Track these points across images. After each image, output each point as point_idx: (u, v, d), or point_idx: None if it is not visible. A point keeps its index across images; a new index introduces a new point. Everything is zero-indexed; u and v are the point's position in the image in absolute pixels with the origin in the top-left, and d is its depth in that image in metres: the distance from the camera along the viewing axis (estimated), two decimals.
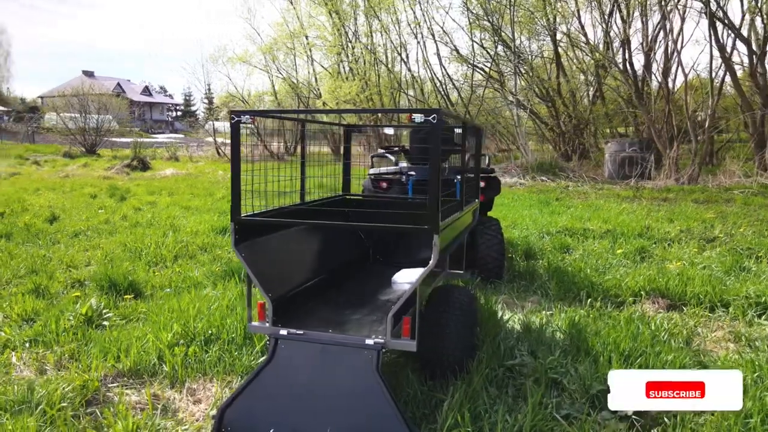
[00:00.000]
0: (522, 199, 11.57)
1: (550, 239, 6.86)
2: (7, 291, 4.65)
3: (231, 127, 2.71)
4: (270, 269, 2.89)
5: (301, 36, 24.53)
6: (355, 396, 2.52)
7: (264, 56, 25.75)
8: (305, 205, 3.49)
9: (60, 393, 2.76)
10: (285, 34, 24.67)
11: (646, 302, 4.52)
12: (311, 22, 24.25)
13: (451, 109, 21.98)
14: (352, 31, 23.44)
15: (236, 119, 2.70)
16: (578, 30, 19.61)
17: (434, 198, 2.50)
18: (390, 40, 22.54)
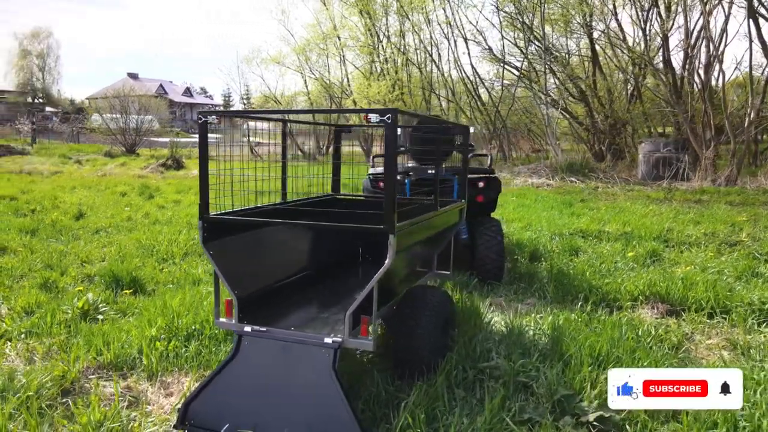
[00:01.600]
0: (545, 201, 11.37)
1: (560, 241, 6.73)
2: (18, 284, 4.87)
3: (199, 127, 2.78)
4: (240, 267, 2.95)
5: (334, 37, 24.76)
6: (311, 393, 2.55)
7: (297, 57, 26.11)
8: (284, 205, 3.53)
9: (38, 382, 2.87)
10: (318, 35, 24.94)
11: (644, 307, 4.39)
12: (343, 22, 24.45)
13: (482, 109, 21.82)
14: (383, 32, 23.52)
15: (203, 119, 2.76)
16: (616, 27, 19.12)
17: (389, 198, 2.50)
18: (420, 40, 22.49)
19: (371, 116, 2.47)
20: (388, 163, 2.49)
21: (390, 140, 2.47)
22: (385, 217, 2.50)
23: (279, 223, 2.98)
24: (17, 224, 7.67)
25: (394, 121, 2.45)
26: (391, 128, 2.45)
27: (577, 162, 17.07)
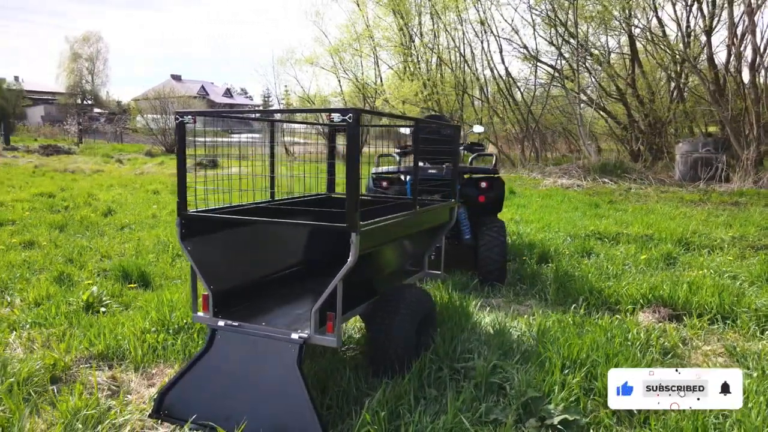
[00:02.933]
0: (571, 202, 11.16)
1: (573, 243, 6.60)
2: (36, 277, 5.11)
3: (176, 127, 2.87)
4: (218, 264, 3.02)
5: (367, 37, 24.88)
6: (276, 386, 2.61)
7: (332, 57, 26.36)
8: (268, 203, 3.60)
9: (29, 370, 3.02)
10: (351, 36, 25.12)
11: (645, 311, 4.28)
12: (377, 22, 24.55)
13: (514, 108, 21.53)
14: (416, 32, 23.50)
15: (180, 119, 2.85)
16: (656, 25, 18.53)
17: (352, 196, 2.52)
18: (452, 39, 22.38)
19: (334, 116, 2.51)
20: (350, 162, 2.51)
21: (353, 139, 2.49)
22: (348, 216, 2.52)
23: (246, 220, 3.04)
24: (49, 220, 8.04)
25: (355, 121, 2.47)
26: (353, 127, 2.48)
27: (610, 162, 16.66)
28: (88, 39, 47.15)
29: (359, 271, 2.99)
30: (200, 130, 3.07)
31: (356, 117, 2.47)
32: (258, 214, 3.30)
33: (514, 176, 17.06)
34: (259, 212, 3.33)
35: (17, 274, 5.20)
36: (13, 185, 13.39)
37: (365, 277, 3.22)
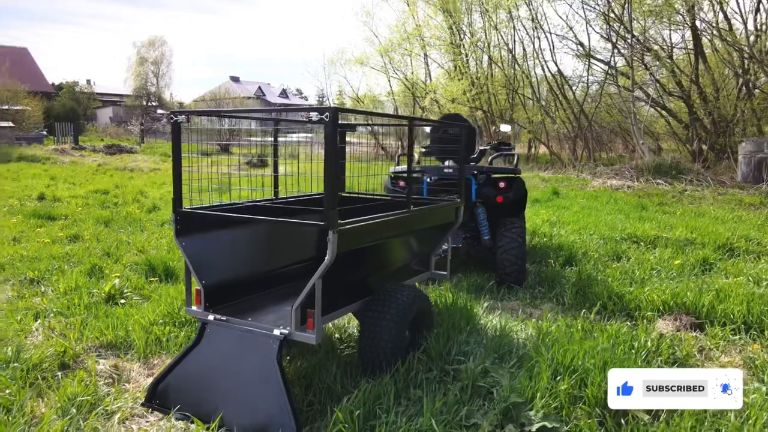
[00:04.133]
0: (616, 203, 10.77)
1: (605, 246, 6.37)
2: (70, 269, 5.40)
3: (172, 126, 2.97)
4: (212, 259, 3.10)
5: (417, 36, 24.83)
6: (256, 381, 2.66)
7: (381, 57, 26.46)
8: (269, 201, 3.66)
9: (40, 356, 3.20)
10: (401, 36, 25.13)
11: (666, 318, 4.08)
12: (426, 21, 24.47)
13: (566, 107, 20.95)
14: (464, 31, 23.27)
15: (174, 119, 2.95)
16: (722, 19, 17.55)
17: (330, 194, 2.53)
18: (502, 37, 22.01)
19: (311, 114, 2.53)
20: (328, 160, 2.52)
21: (330, 138, 2.50)
22: (326, 214, 2.54)
23: (233, 218, 3.10)
24: (97, 215, 8.47)
25: (332, 120, 2.48)
26: (331, 127, 2.49)
27: (666, 163, 15.93)
28: (153, 43, 49.34)
29: (348, 270, 3.01)
30: (255, 130, 3.18)
31: (333, 116, 2.48)
32: (256, 212, 3.36)
33: (561, 176, 16.61)
34: (256, 210, 3.40)
35: (56, 265, 5.51)
36: (75, 182, 14.18)
37: (358, 276, 3.22)
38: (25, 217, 8.43)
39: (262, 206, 3.52)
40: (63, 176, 15.62)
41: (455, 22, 22.88)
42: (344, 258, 2.86)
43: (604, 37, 19.62)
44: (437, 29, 24.08)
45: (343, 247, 2.60)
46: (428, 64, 25.87)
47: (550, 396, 2.68)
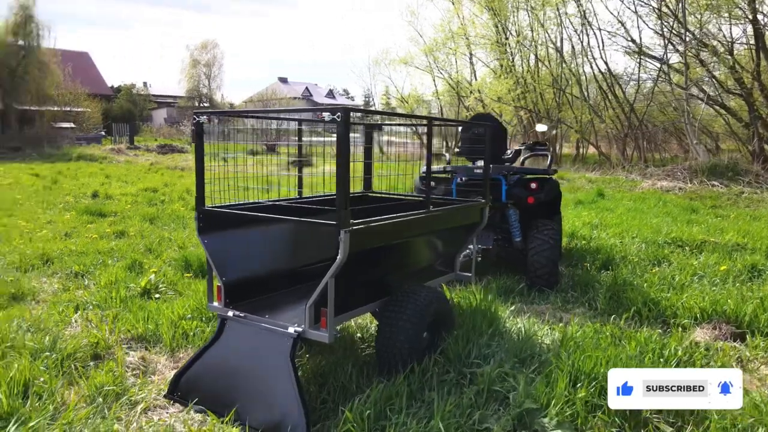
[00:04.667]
0: (665, 206, 10.37)
1: (647, 250, 6.14)
2: (113, 264, 5.62)
3: (194, 126, 3.05)
4: (234, 257, 3.17)
5: (462, 35, 24.62)
6: (270, 377, 2.70)
7: (426, 57, 26.37)
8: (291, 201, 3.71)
9: (73, 347, 3.35)
10: (446, 35, 24.98)
11: (705, 326, 3.89)
12: (471, 20, 24.22)
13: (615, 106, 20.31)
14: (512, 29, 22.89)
15: (196, 120, 3.03)
16: None
17: (343, 194, 2.54)
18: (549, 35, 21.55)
19: (324, 114, 2.54)
20: (340, 160, 2.53)
21: (342, 138, 2.51)
22: (338, 214, 2.55)
23: (251, 216, 3.14)
24: (143, 212, 8.80)
25: (344, 120, 2.49)
26: (342, 126, 2.50)
27: (722, 163, 15.21)
28: (205, 46, 50.81)
29: (365, 269, 3.01)
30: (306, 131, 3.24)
31: (345, 116, 2.49)
32: (277, 211, 3.40)
33: (609, 178, 16.12)
34: (278, 210, 3.44)
35: (100, 260, 5.75)
36: (127, 181, 14.77)
37: (375, 276, 3.22)
38: (78, 214, 8.84)
39: (283, 206, 3.57)
40: (117, 175, 16.29)
41: (501, 20, 22.54)
42: (360, 258, 2.87)
43: (658, 33, 18.93)
44: (482, 27, 23.81)
45: (355, 246, 2.60)
46: (473, 63, 25.64)
47: (566, 403, 2.61)
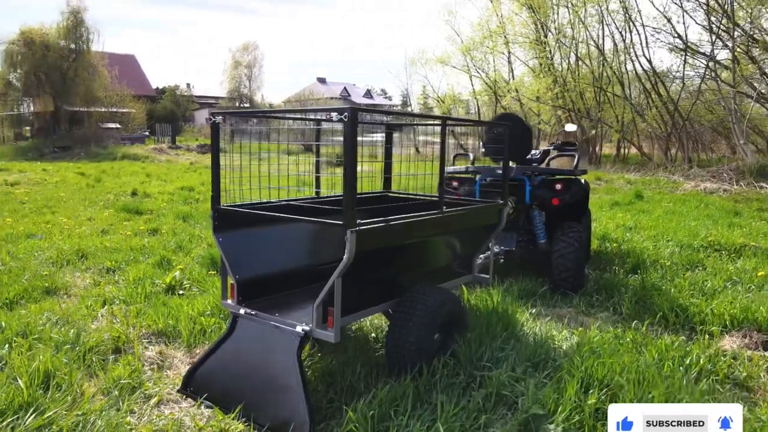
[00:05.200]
0: (706, 208, 10.00)
1: (680, 254, 5.93)
2: (144, 260, 5.78)
3: (211, 127, 3.11)
4: (248, 255, 3.21)
5: (500, 34, 24.33)
6: (277, 374, 2.73)
7: (463, 56, 26.19)
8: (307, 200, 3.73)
9: (95, 340, 3.46)
10: (484, 34, 24.74)
11: (734, 334, 3.73)
12: (510, 18, 23.91)
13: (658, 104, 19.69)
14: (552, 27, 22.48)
15: (212, 120, 3.08)
16: None
17: (350, 194, 2.54)
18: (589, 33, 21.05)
19: (332, 114, 2.55)
20: (347, 160, 2.53)
21: (349, 138, 2.51)
22: (344, 214, 2.55)
23: (271, 216, 3.17)
24: (178, 210, 9.02)
25: (351, 119, 2.49)
26: (350, 126, 2.50)
27: None
28: (247, 48, 51.73)
29: (375, 269, 3.01)
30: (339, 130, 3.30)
31: (352, 116, 2.49)
32: (293, 211, 3.43)
33: (649, 179, 15.65)
34: (293, 209, 3.47)
35: (132, 256, 5.93)
36: (166, 179, 15.19)
37: (387, 277, 3.20)
38: (116, 211, 9.14)
39: (296, 205, 3.59)
40: (157, 173, 16.77)
41: (540, 17, 22.17)
42: (369, 258, 2.87)
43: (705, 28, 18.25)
44: (521, 26, 23.48)
45: (362, 247, 2.60)
46: (511, 62, 25.31)
47: (575, 410, 2.54)
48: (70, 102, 29.19)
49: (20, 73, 28.89)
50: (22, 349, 3.33)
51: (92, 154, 24.69)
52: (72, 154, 24.96)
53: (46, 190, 12.49)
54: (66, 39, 29.17)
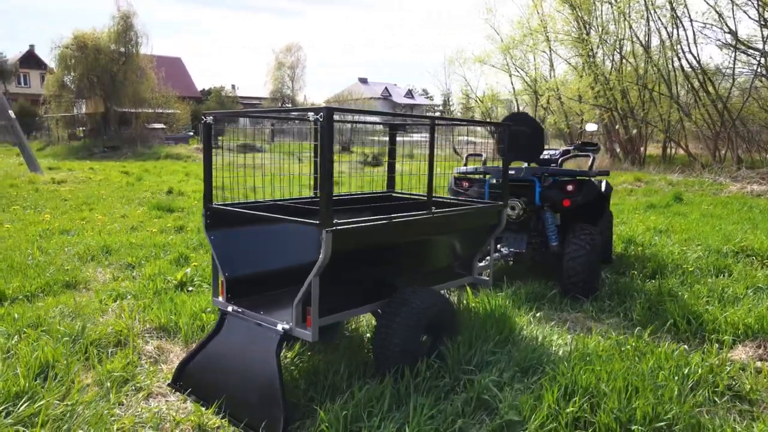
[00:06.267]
0: (749, 211, 9.56)
1: (707, 259, 5.67)
2: (163, 258, 5.95)
3: (203, 127, 3.17)
4: (238, 254, 3.25)
5: (541, 31, 23.87)
6: (257, 372, 2.75)
7: (503, 55, 25.82)
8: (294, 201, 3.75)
9: (98, 333, 3.58)
10: (524, 32, 24.31)
11: (748, 344, 3.55)
12: (551, 15, 23.43)
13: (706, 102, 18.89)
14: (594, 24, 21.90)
15: (204, 121, 3.14)
16: None
17: (326, 194, 2.54)
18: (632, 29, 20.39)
19: (309, 114, 2.56)
20: (322, 160, 2.53)
21: (325, 138, 2.51)
22: (320, 214, 2.55)
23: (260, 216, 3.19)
24: None
25: (327, 119, 2.49)
26: (325, 126, 2.50)
27: None
28: (290, 49, 52.53)
29: (359, 270, 3.00)
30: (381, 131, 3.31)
31: (327, 115, 2.49)
32: (283, 210, 3.45)
33: (693, 180, 15.05)
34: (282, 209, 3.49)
35: (153, 253, 6.11)
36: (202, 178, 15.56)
37: (375, 277, 3.18)
38: (149, 209, 9.44)
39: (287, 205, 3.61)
40: (196, 172, 17.23)
41: (582, 14, 21.63)
42: (351, 258, 2.87)
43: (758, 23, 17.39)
44: (563, 23, 22.95)
45: (339, 247, 2.59)
46: (552, 61, 24.78)
47: (553, 418, 2.47)
48: (120, 103, 30.35)
49: (74, 75, 30.23)
50: (30, 339, 3.48)
51: (138, 153, 25.60)
52: (120, 154, 25.95)
53: (89, 187, 13.02)
54: (116, 43, 30.33)
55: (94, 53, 29.34)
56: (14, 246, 6.31)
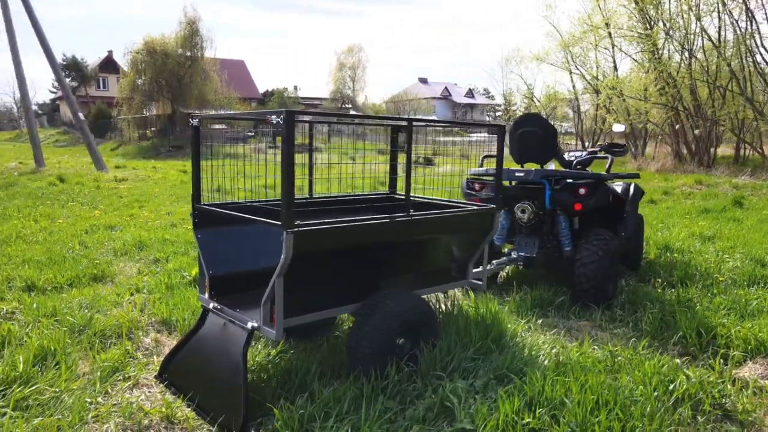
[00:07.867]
0: None
1: (743, 269, 5.31)
2: (189, 254, 6.18)
3: (192, 129, 3.28)
4: (223, 252, 3.34)
5: (603, 27, 23.00)
6: (226, 366, 2.83)
7: (563, 53, 25.07)
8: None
9: (103, 325, 3.78)
10: (584, 28, 23.50)
11: (759, 361, 3.30)
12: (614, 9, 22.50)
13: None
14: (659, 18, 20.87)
15: (192, 122, 3.25)
16: None
17: (287, 194, 2.58)
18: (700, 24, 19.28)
19: (272, 117, 2.60)
20: (284, 162, 2.57)
21: (286, 140, 2.54)
22: (282, 215, 2.58)
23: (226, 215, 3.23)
24: None
25: (287, 122, 2.52)
26: (286, 129, 2.53)
27: None
28: (351, 50, 53.23)
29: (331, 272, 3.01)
30: (438, 130, 3.39)
31: (288, 118, 2.52)
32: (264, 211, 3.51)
33: (762, 183, 14.07)
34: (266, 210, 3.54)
35: (182, 249, 6.36)
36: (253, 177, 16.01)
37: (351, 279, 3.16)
38: None
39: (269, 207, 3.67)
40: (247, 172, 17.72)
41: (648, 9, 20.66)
42: (320, 259, 2.88)
43: None
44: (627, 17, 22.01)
45: (303, 248, 2.62)
46: (615, 58, 23.82)
47: (509, 428, 2.39)
48: (185, 105, 31.75)
49: (144, 79, 31.89)
50: (42, 327, 3.72)
51: None
52: (183, 153, 27.14)
53: (145, 186, 13.70)
54: (183, 47, 31.76)
55: (162, 57, 30.84)
56: (60, 240, 6.74)
